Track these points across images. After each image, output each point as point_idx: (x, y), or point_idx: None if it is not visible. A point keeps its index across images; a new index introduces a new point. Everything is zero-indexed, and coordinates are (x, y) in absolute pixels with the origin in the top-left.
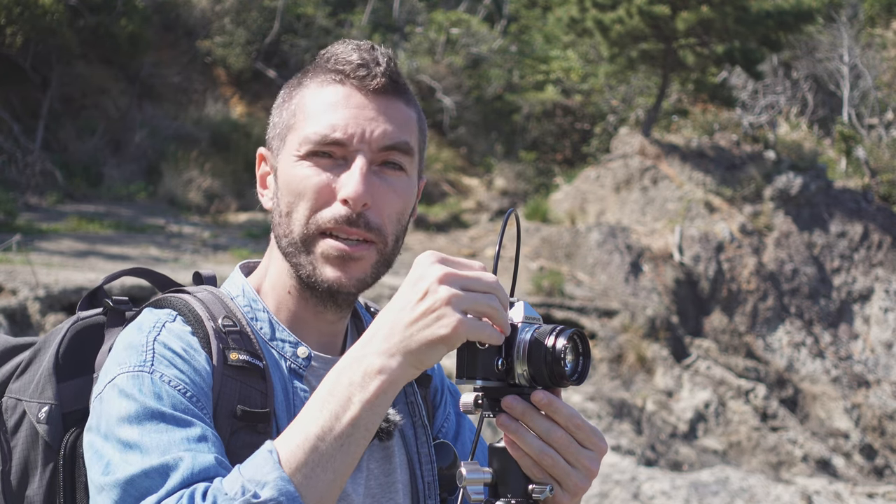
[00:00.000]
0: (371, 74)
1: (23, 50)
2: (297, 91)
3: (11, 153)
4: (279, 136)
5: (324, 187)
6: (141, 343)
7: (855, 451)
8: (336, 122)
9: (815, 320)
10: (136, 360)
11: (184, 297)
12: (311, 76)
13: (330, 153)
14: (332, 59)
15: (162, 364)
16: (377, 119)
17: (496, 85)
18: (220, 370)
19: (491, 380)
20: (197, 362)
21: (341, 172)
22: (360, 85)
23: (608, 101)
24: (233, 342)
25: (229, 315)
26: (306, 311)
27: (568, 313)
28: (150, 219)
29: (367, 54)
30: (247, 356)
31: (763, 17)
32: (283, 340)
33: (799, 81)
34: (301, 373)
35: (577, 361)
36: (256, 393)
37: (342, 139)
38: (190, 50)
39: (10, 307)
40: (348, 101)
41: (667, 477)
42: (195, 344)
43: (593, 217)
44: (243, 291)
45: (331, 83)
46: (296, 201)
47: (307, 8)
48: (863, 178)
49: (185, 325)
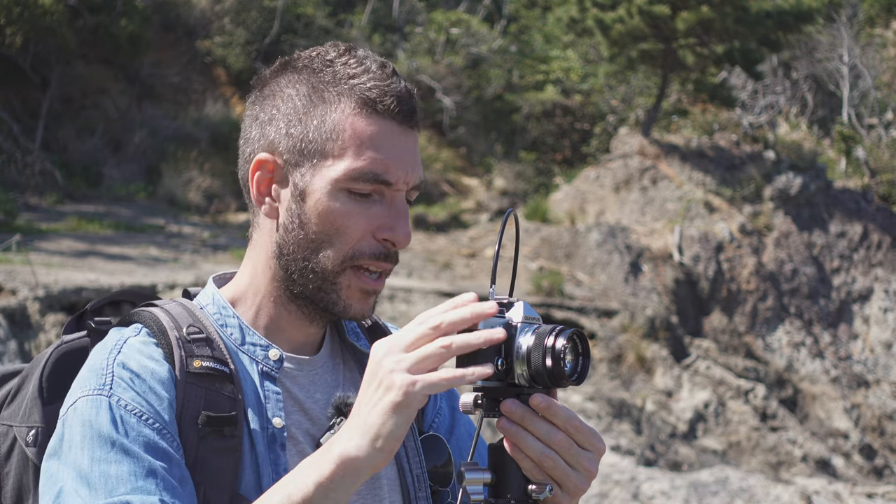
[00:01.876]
0: (410, 110)
1: (23, 50)
2: (323, 106)
3: (11, 153)
4: (303, 153)
5: (365, 226)
6: (101, 365)
7: (854, 451)
8: (387, 160)
9: (815, 320)
10: (95, 383)
11: (151, 309)
12: (337, 93)
13: (371, 191)
14: (359, 83)
15: (120, 387)
16: (413, 159)
17: (496, 85)
18: (182, 379)
19: (490, 380)
20: (157, 378)
21: (379, 211)
22: (400, 121)
23: (608, 101)
24: (197, 349)
25: (195, 323)
26: (288, 321)
27: (567, 313)
28: (150, 219)
29: (400, 86)
30: (211, 362)
31: (763, 17)
32: (253, 344)
33: (799, 81)
34: (273, 374)
35: (577, 361)
36: (223, 398)
37: (391, 180)
38: (190, 50)
39: (9, 307)
40: (392, 139)
41: (666, 477)
42: (157, 356)
43: (593, 217)
44: (213, 300)
45: (372, 113)
46: (332, 235)
47: (307, 8)
48: (862, 178)
49: (150, 338)
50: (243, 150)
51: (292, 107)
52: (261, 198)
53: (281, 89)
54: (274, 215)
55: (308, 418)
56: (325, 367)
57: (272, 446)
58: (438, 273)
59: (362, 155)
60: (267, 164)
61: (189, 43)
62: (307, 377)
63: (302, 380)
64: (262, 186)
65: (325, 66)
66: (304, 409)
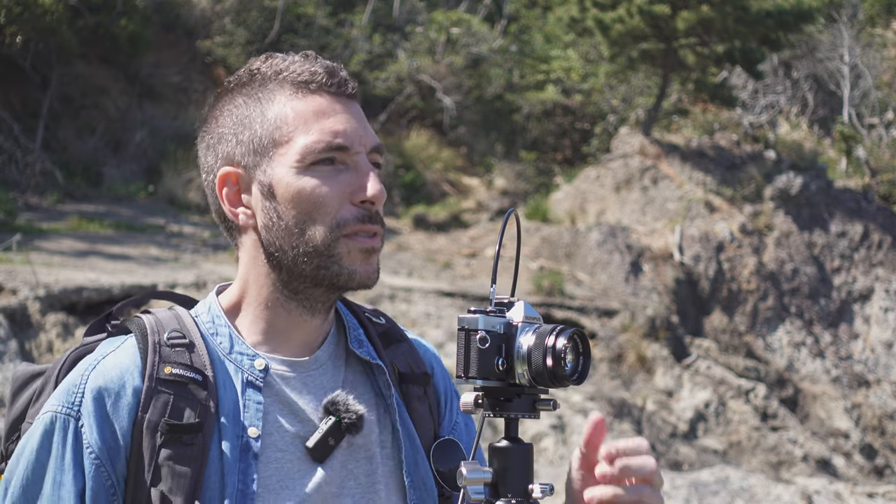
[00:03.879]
0: (342, 80)
1: (23, 50)
2: (261, 105)
3: (11, 153)
4: (257, 152)
5: (339, 194)
6: (75, 382)
7: (855, 451)
8: (335, 128)
9: (816, 320)
10: (66, 399)
11: (143, 315)
12: (268, 90)
13: (332, 159)
14: (287, 73)
15: (86, 410)
16: (360, 123)
17: (496, 85)
18: (151, 386)
19: (491, 380)
20: (122, 396)
21: (348, 177)
22: (336, 92)
23: (608, 101)
24: (174, 355)
25: (180, 329)
26: (288, 321)
27: (568, 313)
28: (150, 218)
29: (323, 63)
30: (181, 369)
31: (763, 17)
32: (240, 353)
33: (799, 81)
34: (258, 384)
35: (578, 361)
36: (193, 404)
37: (345, 144)
38: (190, 49)
39: (10, 307)
40: (334, 108)
41: (667, 476)
42: (131, 366)
43: (593, 217)
44: (209, 309)
45: (306, 93)
46: (311, 212)
47: (307, 8)
48: (863, 177)
49: (130, 348)
50: (206, 181)
51: (235, 118)
52: (234, 210)
53: (220, 112)
54: (252, 222)
55: (298, 420)
56: (322, 369)
57: (244, 455)
58: (439, 273)
59: (310, 130)
60: (230, 177)
61: (189, 43)
62: (300, 379)
63: (294, 382)
64: (232, 199)
65: (252, 75)
66: (293, 411)
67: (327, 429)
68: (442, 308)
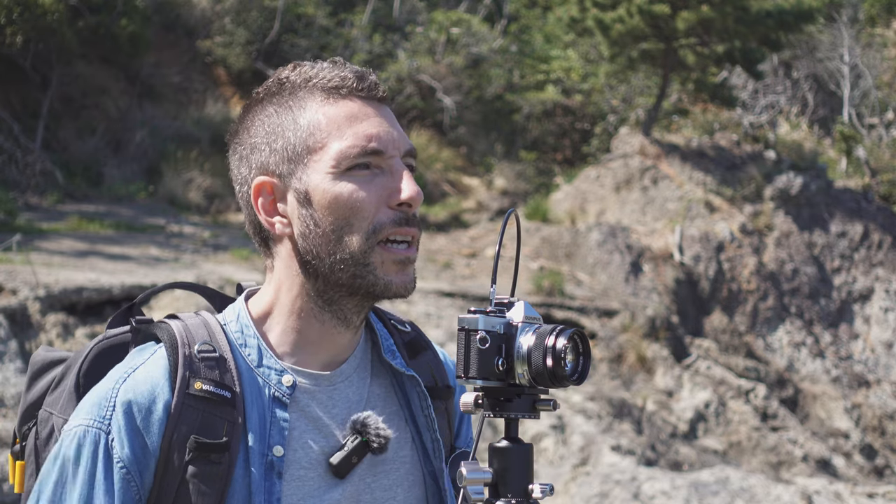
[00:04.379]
0: (372, 84)
1: (23, 50)
2: (292, 113)
3: (11, 153)
4: (291, 160)
5: (376, 198)
6: (106, 395)
7: (855, 451)
8: (369, 132)
9: (816, 320)
10: (98, 413)
11: (172, 322)
12: (299, 97)
13: (368, 164)
14: (317, 79)
15: (116, 425)
16: (393, 127)
17: (496, 85)
18: (180, 401)
19: (491, 380)
20: (153, 411)
21: (384, 180)
22: (367, 96)
23: (608, 101)
24: (205, 368)
25: (210, 341)
26: (320, 332)
27: (568, 313)
28: (151, 219)
29: (353, 68)
30: (212, 386)
31: (763, 17)
32: (269, 367)
33: (799, 81)
34: (285, 401)
35: (578, 361)
36: (220, 422)
37: (380, 148)
38: (190, 50)
39: (10, 307)
40: (367, 113)
41: (667, 477)
42: (161, 380)
43: (593, 217)
44: (238, 317)
45: (338, 98)
46: (349, 217)
47: (307, 8)
48: (863, 177)
49: (163, 356)
50: (241, 192)
51: (267, 128)
52: (271, 220)
53: (251, 123)
54: (289, 231)
55: (323, 436)
56: (347, 382)
57: (269, 474)
58: (439, 273)
59: (344, 135)
60: (265, 187)
61: (189, 43)
62: (325, 393)
63: (320, 396)
64: (268, 209)
65: (280, 84)
66: (319, 427)
67: (352, 448)
68: (442, 308)
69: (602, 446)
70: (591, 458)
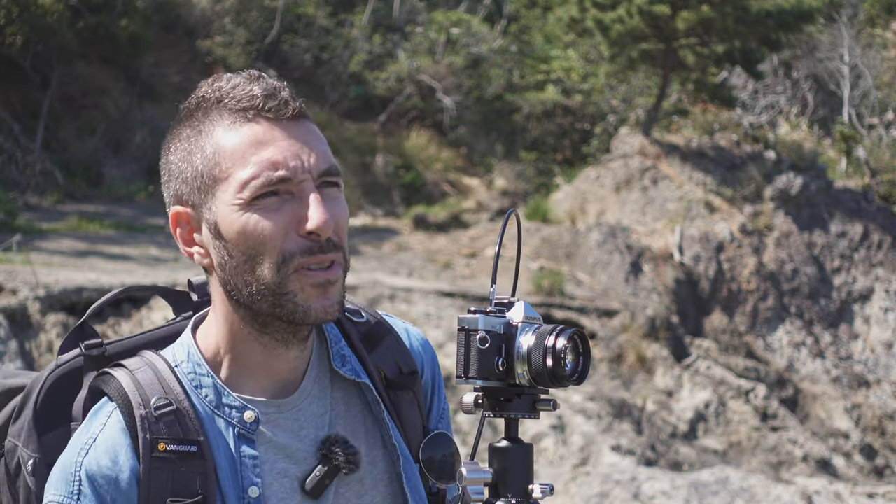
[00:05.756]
0: (281, 103)
1: (23, 50)
2: (201, 138)
3: (11, 153)
4: (200, 189)
5: (283, 228)
6: (70, 469)
7: (855, 451)
8: (274, 158)
9: (816, 320)
10: (65, 489)
11: (120, 378)
12: (210, 120)
13: (275, 191)
14: (227, 99)
15: (86, 499)
16: (306, 147)
17: (496, 85)
18: (147, 465)
19: (491, 380)
20: (118, 488)
21: (292, 207)
22: (275, 117)
23: (608, 101)
24: (164, 426)
25: (165, 395)
26: (265, 354)
27: (568, 313)
28: (151, 219)
29: (264, 84)
30: (175, 445)
31: (763, 17)
32: (229, 406)
33: (799, 81)
34: (251, 437)
35: (578, 361)
36: (192, 477)
37: (287, 175)
38: (190, 50)
39: (10, 307)
40: (273, 136)
41: (667, 477)
42: (123, 449)
43: (593, 217)
44: (188, 356)
45: (244, 122)
46: (258, 249)
47: (307, 8)
48: (863, 178)
49: (118, 423)
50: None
51: (180, 154)
52: (189, 251)
53: (170, 146)
54: (208, 261)
55: (294, 463)
56: (310, 398)
57: None
58: (439, 273)
59: (247, 164)
60: (181, 217)
61: (189, 43)
62: (290, 417)
63: (285, 422)
64: (186, 239)
65: (198, 103)
66: (289, 454)
67: (324, 472)
68: (442, 308)
69: (602, 446)
70: (591, 458)
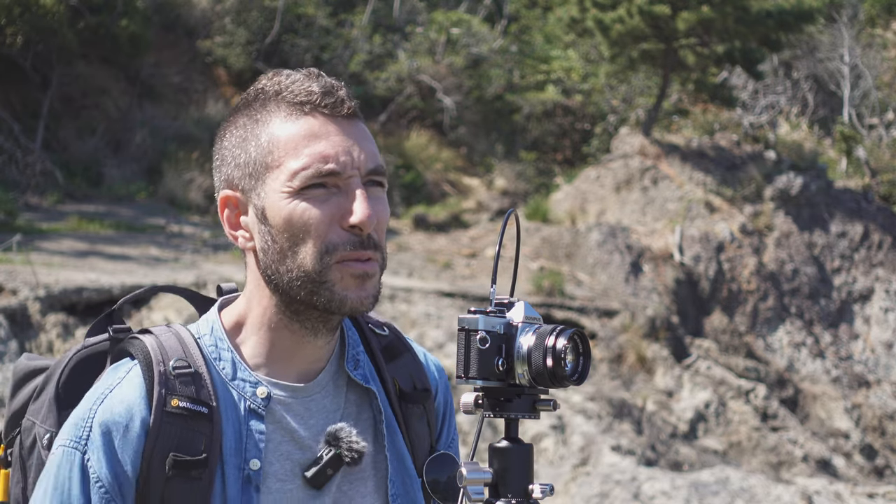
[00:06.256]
0: (338, 100)
1: (23, 50)
2: (257, 127)
3: (11, 153)
4: (252, 175)
5: (328, 218)
6: (83, 416)
7: (855, 452)
8: (326, 152)
9: (816, 320)
10: (74, 434)
11: (145, 339)
12: (267, 111)
13: (324, 184)
14: (286, 92)
15: (93, 445)
16: (357, 144)
17: (496, 85)
18: (158, 419)
19: (491, 380)
20: (128, 437)
21: (339, 200)
22: (331, 113)
23: (608, 101)
24: (180, 385)
25: (185, 357)
26: (292, 342)
27: (568, 313)
28: (151, 219)
29: (322, 82)
30: (188, 403)
31: (763, 17)
32: (243, 380)
33: (799, 81)
34: (260, 412)
35: (578, 361)
36: (199, 437)
37: (336, 169)
38: (190, 50)
39: (10, 307)
40: (327, 131)
41: (667, 477)
42: (138, 399)
43: (593, 217)
44: (212, 330)
45: (300, 115)
46: (301, 236)
47: (307, 8)
48: (863, 178)
49: (138, 374)
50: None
51: (235, 140)
52: (234, 233)
53: (225, 133)
54: (251, 245)
55: (299, 448)
56: (324, 392)
57: (246, 488)
58: (439, 273)
59: (299, 155)
60: (230, 200)
61: (190, 43)
62: (301, 404)
63: (296, 407)
64: (232, 222)
65: (257, 94)
66: (295, 438)
67: (327, 460)
68: (442, 308)
69: (602, 446)
70: (591, 458)
